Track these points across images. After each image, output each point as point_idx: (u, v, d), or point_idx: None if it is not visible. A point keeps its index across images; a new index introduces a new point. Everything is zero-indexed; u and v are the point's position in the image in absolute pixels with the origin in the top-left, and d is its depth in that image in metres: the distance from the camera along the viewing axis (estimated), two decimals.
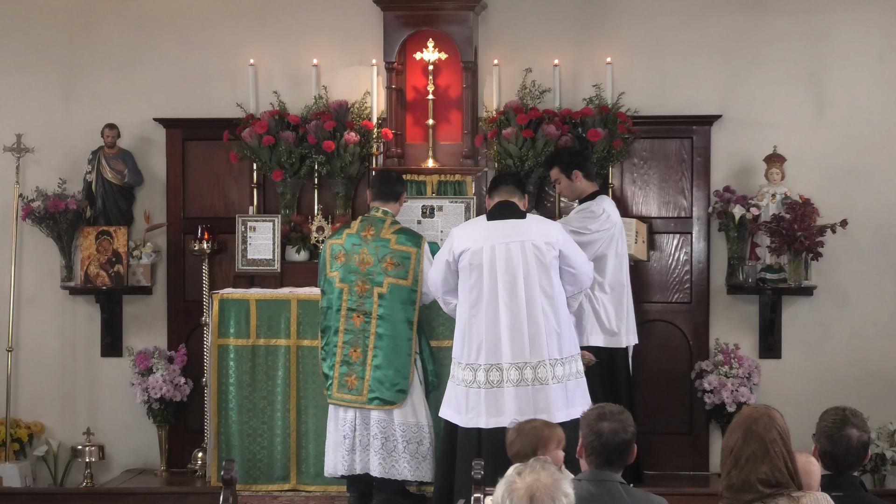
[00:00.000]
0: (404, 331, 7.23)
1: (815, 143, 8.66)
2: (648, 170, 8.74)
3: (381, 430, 7.21)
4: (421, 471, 7.24)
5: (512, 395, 6.65)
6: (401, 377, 7.21)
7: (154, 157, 9.01)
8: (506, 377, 6.67)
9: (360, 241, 7.31)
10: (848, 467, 4.56)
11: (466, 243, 6.85)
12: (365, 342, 7.25)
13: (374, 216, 7.37)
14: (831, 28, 8.69)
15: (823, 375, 8.59)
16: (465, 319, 6.85)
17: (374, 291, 7.24)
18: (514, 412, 6.56)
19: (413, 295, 7.23)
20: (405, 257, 7.23)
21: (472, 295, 6.81)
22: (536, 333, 6.68)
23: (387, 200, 7.39)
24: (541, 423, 5.33)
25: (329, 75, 8.82)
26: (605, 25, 8.79)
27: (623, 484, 4.53)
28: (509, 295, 6.71)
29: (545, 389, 6.66)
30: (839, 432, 4.53)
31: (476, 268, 6.79)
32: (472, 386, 6.74)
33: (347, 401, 7.26)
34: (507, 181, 7.05)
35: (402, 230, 7.36)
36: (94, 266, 8.72)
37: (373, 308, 7.24)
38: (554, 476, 3.43)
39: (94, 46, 9.04)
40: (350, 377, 7.26)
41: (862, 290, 8.66)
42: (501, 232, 6.81)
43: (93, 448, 8.43)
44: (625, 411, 4.64)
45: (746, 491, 4.03)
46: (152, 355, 8.70)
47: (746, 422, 4.11)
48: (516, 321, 6.69)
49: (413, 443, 7.22)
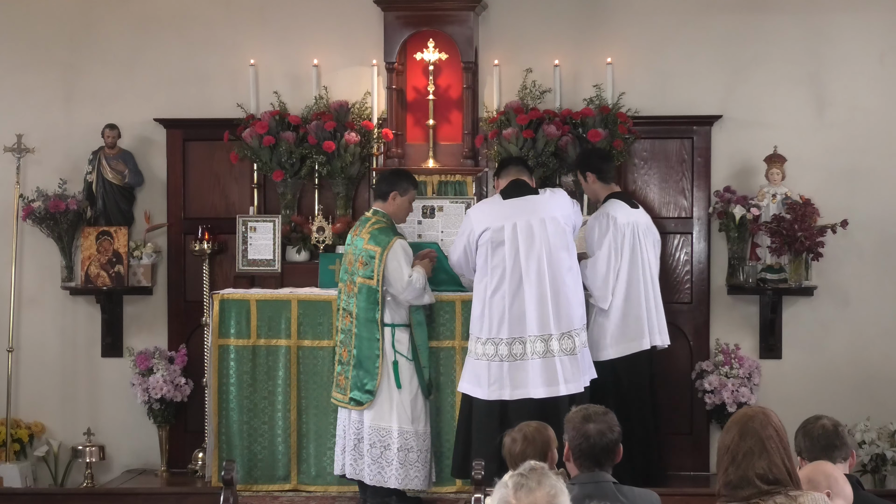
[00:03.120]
0: (371, 330, 7.24)
1: (815, 143, 8.66)
2: (649, 170, 8.74)
3: (354, 431, 7.27)
4: (383, 476, 7.21)
5: (538, 366, 6.97)
6: (368, 377, 7.22)
7: (154, 157, 9.01)
8: (530, 350, 7.00)
9: (351, 240, 7.43)
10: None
11: (486, 222, 7.13)
12: (350, 341, 7.30)
13: (364, 216, 7.49)
14: (832, 28, 8.69)
15: (824, 376, 8.59)
16: (485, 296, 7.11)
17: (354, 291, 7.31)
18: (542, 384, 6.94)
19: (376, 294, 7.23)
20: (371, 257, 7.27)
21: (496, 272, 7.08)
22: (565, 304, 7.05)
23: (377, 198, 7.51)
24: (538, 425, 5.31)
25: (329, 75, 8.82)
26: (605, 26, 8.79)
27: (616, 483, 4.56)
28: (534, 270, 7.02)
29: (574, 359, 7.04)
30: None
31: (498, 245, 7.08)
32: (494, 360, 7.04)
33: (339, 400, 7.36)
34: (515, 162, 7.41)
35: (377, 230, 7.33)
36: (95, 266, 8.72)
37: (353, 308, 7.30)
38: (550, 493, 3.34)
39: (95, 47, 9.05)
40: (341, 376, 7.34)
41: (862, 290, 8.66)
42: (520, 208, 7.12)
43: (93, 448, 8.43)
44: (609, 412, 4.69)
45: (744, 487, 4.03)
46: (153, 355, 8.70)
47: (742, 419, 4.13)
48: (542, 295, 7.01)
49: (378, 447, 7.20)
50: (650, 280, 7.76)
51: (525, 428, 5.26)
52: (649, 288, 7.73)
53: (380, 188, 7.52)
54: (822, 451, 4.79)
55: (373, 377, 7.20)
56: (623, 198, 7.88)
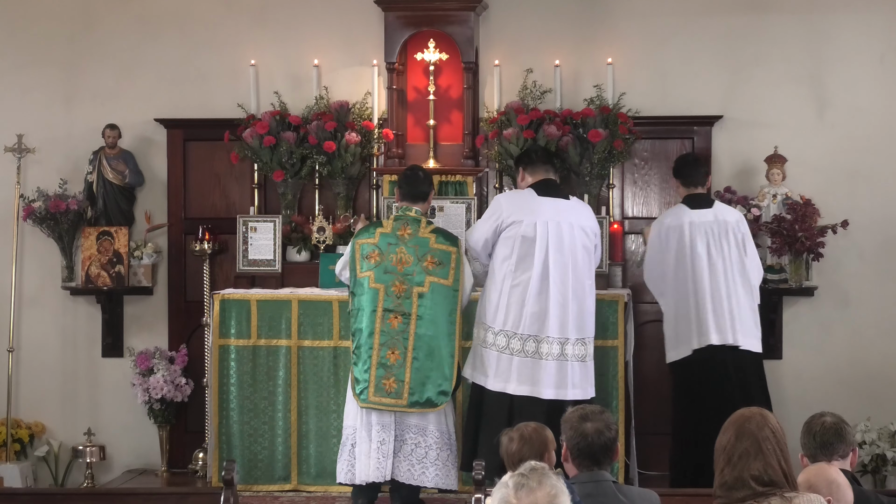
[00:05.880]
0: (447, 330, 7.08)
1: (816, 143, 8.65)
2: (649, 170, 8.74)
3: (413, 436, 7.05)
4: (449, 479, 7.12)
5: (553, 368, 7.01)
6: (443, 378, 7.04)
7: (155, 157, 9.02)
8: (546, 350, 7.01)
9: (396, 240, 7.13)
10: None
11: (518, 215, 7.14)
12: (404, 344, 7.06)
13: (409, 216, 7.18)
14: (832, 28, 8.69)
15: (824, 376, 8.59)
16: (503, 287, 7.10)
17: (414, 291, 7.08)
18: (552, 385, 6.98)
19: (455, 294, 7.10)
20: (446, 256, 7.12)
21: (521, 265, 7.08)
22: (582, 311, 7.10)
23: (416, 201, 7.24)
24: (536, 426, 5.31)
25: (330, 76, 8.82)
26: (605, 26, 8.79)
27: (615, 482, 4.56)
28: (560, 272, 7.07)
29: (584, 366, 7.11)
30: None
31: (528, 240, 7.09)
32: (505, 352, 7.04)
33: (386, 404, 7.03)
34: (543, 159, 7.38)
35: (438, 229, 7.26)
36: (95, 266, 8.72)
37: (412, 308, 7.06)
38: (551, 493, 3.34)
39: (95, 46, 9.05)
40: (388, 380, 7.02)
41: (863, 290, 8.65)
42: (553, 209, 7.15)
43: (94, 448, 8.43)
44: (606, 410, 4.71)
45: (739, 488, 4.02)
46: (153, 356, 8.70)
47: (739, 420, 4.12)
48: (565, 298, 7.05)
49: (445, 450, 7.09)
50: (707, 278, 7.54)
51: (523, 428, 5.26)
52: (704, 286, 7.53)
53: (417, 191, 7.24)
54: (819, 448, 4.78)
55: (448, 378, 7.05)
56: (690, 200, 7.77)
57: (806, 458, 4.81)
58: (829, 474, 4.36)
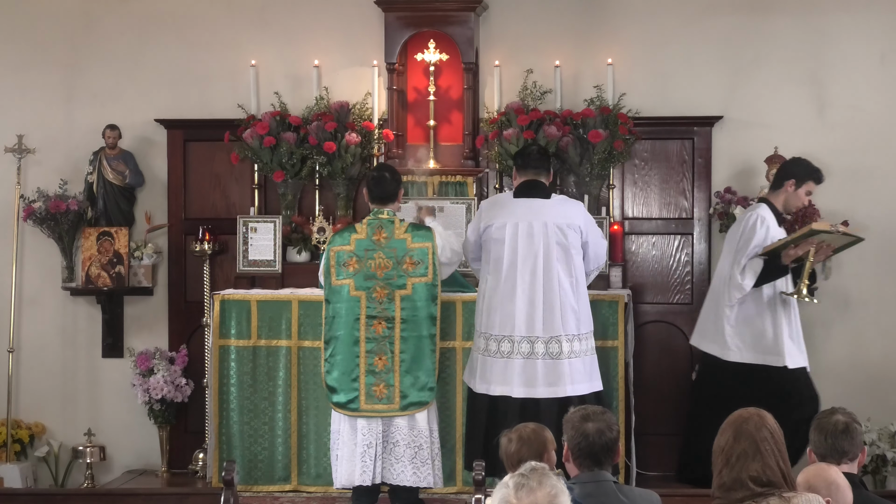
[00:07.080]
0: (428, 328, 7.10)
1: (816, 144, 8.64)
2: (649, 171, 8.74)
3: (403, 437, 7.03)
4: (438, 476, 7.11)
5: (520, 366, 7.03)
6: (428, 376, 7.07)
7: (155, 157, 9.02)
8: (516, 349, 7.05)
9: (373, 245, 7.09)
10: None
11: (492, 219, 7.19)
12: (391, 348, 7.05)
13: (382, 219, 7.12)
14: (832, 29, 8.69)
15: (824, 376, 8.56)
16: (485, 291, 7.20)
17: (396, 295, 7.06)
18: (521, 384, 6.99)
19: (435, 290, 7.10)
20: (423, 253, 7.11)
21: (494, 268, 7.15)
22: (551, 310, 7.05)
23: (385, 202, 7.17)
24: (536, 426, 5.32)
25: (330, 76, 8.83)
26: (605, 26, 8.79)
27: (616, 483, 4.57)
28: (529, 272, 7.06)
29: (557, 364, 7.04)
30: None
31: (499, 242, 7.13)
32: (486, 355, 7.11)
33: (379, 410, 7.01)
34: (535, 162, 7.29)
35: (411, 225, 7.23)
36: (96, 267, 8.73)
37: (395, 312, 7.05)
38: (551, 493, 3.35)
39: (96, 47, 9.05)
40: (378, 386, 7.01)
41: (863, 291, 8.66)
42: (526, 210, 7.14)
43: (94, 449, 8.44)
44: (607, 411, 4.72)
45: (738, 489, 4.03)
46: (153, 356, 8.71)
47: (737, 421, 4.13)
48: (532, 297, 7.05)
49: (413, 447, 7.05)
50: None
51: (522, 429, 5.26)
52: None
53: (384, 193, 7.17)
54: (830, 452, 4.75)
55: (432, 374, 7.07)
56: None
57: (814, 455, 4.79)
58: (829, 475, 4.36)
